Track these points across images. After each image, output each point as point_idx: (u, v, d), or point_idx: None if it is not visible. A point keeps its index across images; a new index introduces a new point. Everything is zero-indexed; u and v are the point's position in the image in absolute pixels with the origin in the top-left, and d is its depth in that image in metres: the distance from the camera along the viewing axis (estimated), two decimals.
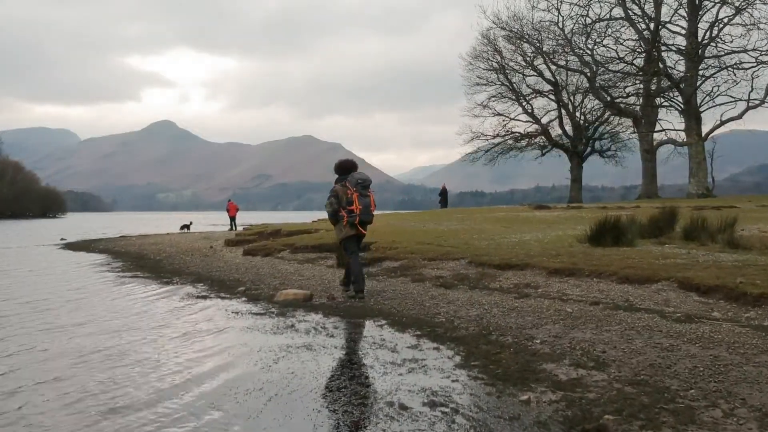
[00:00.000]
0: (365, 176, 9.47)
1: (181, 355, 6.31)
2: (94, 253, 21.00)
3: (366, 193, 9.37)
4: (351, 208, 9.25)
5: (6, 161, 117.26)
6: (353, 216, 9.24)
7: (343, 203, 9.30)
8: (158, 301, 9.86)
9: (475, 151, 50.62)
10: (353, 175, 9.50)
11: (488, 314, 7.72)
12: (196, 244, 22.32)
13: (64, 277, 13.72)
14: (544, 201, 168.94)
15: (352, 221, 9.26)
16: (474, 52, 48.16)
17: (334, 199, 9.40)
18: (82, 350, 6.53)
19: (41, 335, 7.38)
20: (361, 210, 9.26)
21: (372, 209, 9.45)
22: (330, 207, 9.41)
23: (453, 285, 9.80)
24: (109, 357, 6.27)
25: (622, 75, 40.64)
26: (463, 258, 11.66)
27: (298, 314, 8.42)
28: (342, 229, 9.43)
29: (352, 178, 9.42)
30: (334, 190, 9.52)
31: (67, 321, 8.28)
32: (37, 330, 7.69)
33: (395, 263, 12.19)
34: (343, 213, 9.30)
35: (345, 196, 9.30)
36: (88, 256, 20.01)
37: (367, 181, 9.45)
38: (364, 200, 9.30)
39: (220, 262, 15.68)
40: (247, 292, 10.48)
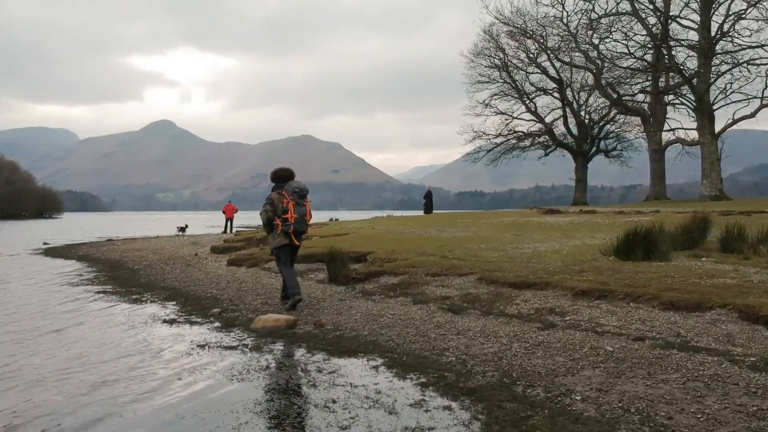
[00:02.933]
0: (302, 185, 9.37)
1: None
2: (71, 260, 19.54)
3: (302, 202, 9.25)
4: (286, 217, 9.12)
5: (1, 161, 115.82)
6: (288, 225, 9.11)
7: (279, 212, 9.17)
8: (111, 329, 8.32)
9: (477, 150, 49.27)
10: (290, 183, 9.35)
11: (508, 352, 6.25)
12: (181, 250, 20.86)
13: (15, 293, 12.23)
14: (544, 201, 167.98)
15: (286, 230, 9.13)
16: (476, 48, 46.83)
17: (269, 206, 9.26)
18: None
19: None
20: (296, 219, 9.13)
21: (308, 219, 9.37)
22: (265, 215, 9.29)
23: (462, 309, 8.33)
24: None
25: (631, 71, 39.16)
26: (471, 273, 10.19)
27: (277, 348, 6.95)
28: (276, 237, 9.31)
29: (289, 187, 9.28)
30: (270, 197, 9.36)
31: None
32: None
33: (394, 279, 10.72)
34: (277, 222, 9.19)
35: (281, 204, 9.18)
36: (62, 263, 18.54)
37: (304, 191, 9.31)
38: (300, 209, 9.18)
39: (200, 273, 14.20)
40: (223, 315, 9.00)
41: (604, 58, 40.79)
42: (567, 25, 42.06)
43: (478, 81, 46.99)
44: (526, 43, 45.33)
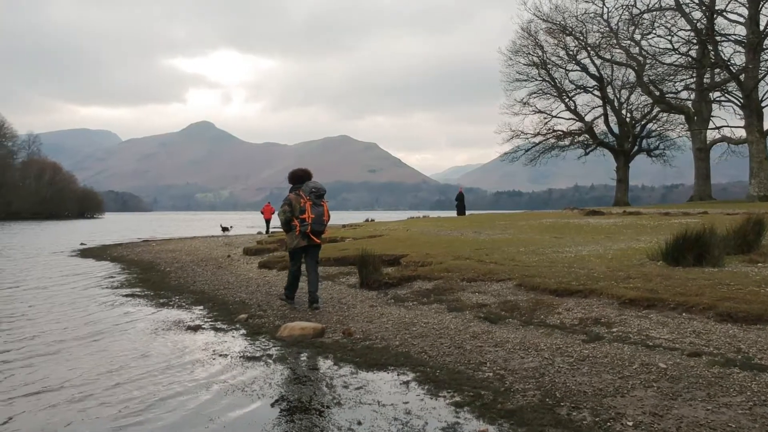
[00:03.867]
0: (319, 185, 9.36)
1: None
2: (105, 262, 19.49)
3: (319, 202, 9.24)
4: (303, 217, 9.14)
5: (44, 162, 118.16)
6: (305, 225, 9.12)
7: (297, 212, 9.19)
8: (131, 337, 8.00)
9: (514, 150, 48.42)
10: (307, 183, 9.35)
11: (550, 367, 5.76)
12: (214, 252, 20.69)
13: (43, 296, 12.08)
14: (583, 201, 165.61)
15: (303, 230, 9.15)
16: (514, 46, 45.96)
17: (287, 207, 9.28)
18: None
19: None
20: (314, 219, 9.14)
21: (325, 219, 9.34)
22: (283, 215, 9.32)
23: (500, 318, 7.84)
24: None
25: (674, 68, 37.96)
26: (510, 279, 9.69)
27: (302, 360, 6.56)
28: (294, 238, 9.35)
29: (306, 187, 9.29)
30: (288, 198, 9.38)
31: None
32: None
33: (428, 284, 10.25)
34: (295, 222, 9.21)
35: (298, 204, 9.20)
36: (96, 265, 18.49)
37: (321, 191, 9.29)
38: (317, 209, 9.19)
39: (231, 275, 13.93)
40: (249, 321, 8.65)
41: (647, 54, 39.63)
42: (607, 21, 40.99)
43: (516, 79, 46.14)
44: (565, 40, 44.34)
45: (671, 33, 37.47)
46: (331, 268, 13.11)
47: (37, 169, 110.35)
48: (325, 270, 13.03)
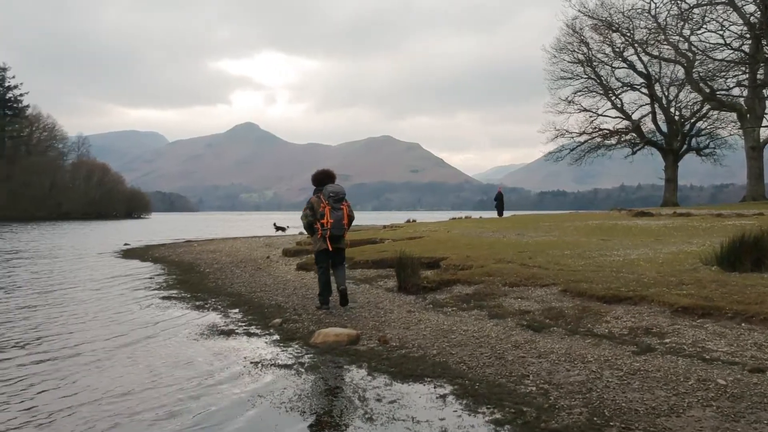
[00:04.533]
0: (339, 188, 9.21)
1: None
2: (146, 262, 19.59)
3: (338, 206, 9.11)
4: (323, 221, 9.04)
5: (93, 163, 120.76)
6: (324, 230, 9.03)
7: (318, 216, 9.09)
8: (162, 342, 7.84)
9: (559, 149, 47.54)
10: (327, 187, 9.20)
11: (598, 381, 5.37)
12: (254, 252, 20.64)
13: (83, 296, 12.09)
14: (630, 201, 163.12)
15: (323, 235, 9.07)
16: (558, 44, 45.08)
17: (309, 211, 9.23)
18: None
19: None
20: (333, 224, 9.03)
21: (344, 223, 9.16)
22: (305, 219, 9.30)
23: (544, 326, 7.44)
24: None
25: (726, 64, 36.69)
26: (554, 284, 9.27)
27: (335, 369, 6.28)
28: (316, 242, 9.29)
29: (325, 191, 9.15)
30: (310, 201, 9.32)
31: None
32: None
33: (469, 288, 9.90)
34: (317, 226, 9.12)
35: (319, 208, 9.10)
36: (137, 265, 18.58)
37: (340, 195, 9.14)
38: (336, 213, 9.06)
39: (269, 277, 13.77)
40: (283, 326, 8.42)
41: (696, 50, 38.44)
42: (655, 16, 39.88)
43: (561, 77, 45.25)
44: (611, 37, 43.28)
45: (723, 28, 36.26)
46: (369, 271, 12.84)
47: (86, 171, 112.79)
48: (363, 273, 12.78)
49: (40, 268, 17.40)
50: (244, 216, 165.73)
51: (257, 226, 64.58)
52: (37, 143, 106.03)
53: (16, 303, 10.89)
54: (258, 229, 52.10)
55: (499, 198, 36.96)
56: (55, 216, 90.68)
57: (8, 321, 9.21)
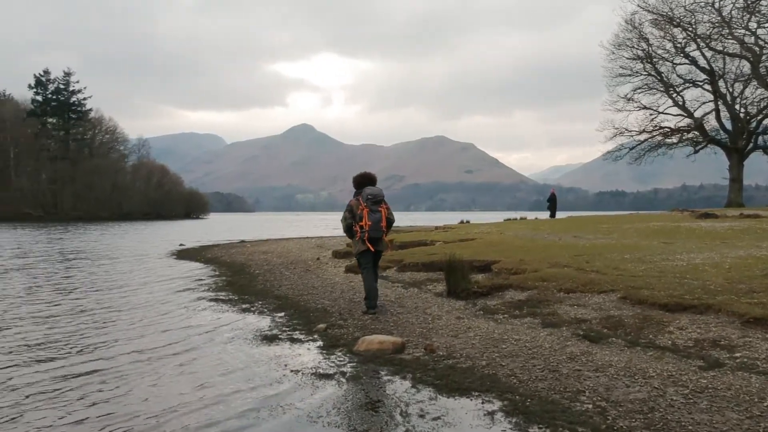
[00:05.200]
0: (378, 191, 9.21)
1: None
2: (198, 263, 19.67)
3: (376, 208, 9.10)
4: (361, 223, 9.06)
5: (153, 165, 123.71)
6: (363, 232, 9.05)
7: (357, 218, 9.11)
8: (203, 347, 7.66)
9: (618, 148, 46.21)
10: (365, 189, 9.22)
11: (661, 400, 4.92)
12: (305, 254, 20.54)
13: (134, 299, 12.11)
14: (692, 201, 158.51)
15: (362, 237, 9.09)
16: (616, 39, 43.79)
17: (348, 213, 9.27)
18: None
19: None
20: (371, 226, 9.03)
21: (383, 225, 9.13)
22: (344, 221, 9.34)
23: (602, 336, 6.97)
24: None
25: None
26: (613, 290, 8.76)
27: (377, 379, 5.98)
28: (356, 244, 9.32)
29: (363, 193, 9.16)
30: (349, 204, 9.35)
31: None
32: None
33: (521, 294, 9.46)
34: (356, 228, 9.14)
35: (358, 210, 9.13)
36: (189, 266, 18.66)
37: (378, 197, 9.14)
38: (374, 216, 9.06)
39: (317, 279, 13.57)
40: (328, 332, 8.16)
41: (764, 44, 36.78)
42: (719, 10, 38.35)
43: (620, 74, 43.95)
44: (672, 32, 41.80)
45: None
46: (419, 274, 12.50)
47: (146, 172, 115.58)
48: (413, 276, 12.45)
49: (98, 269, 17.64)
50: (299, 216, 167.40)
51: (313, 225, 65.04)
52: (99, 146, 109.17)
53: (71, 305, 10.91)
54: (313, 229, 52.43)
55: (552, 199, 36.17)
56: (117, 216, 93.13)
57: (60, 324, 9.19)
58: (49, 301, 11.34)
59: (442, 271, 11.40)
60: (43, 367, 6.58)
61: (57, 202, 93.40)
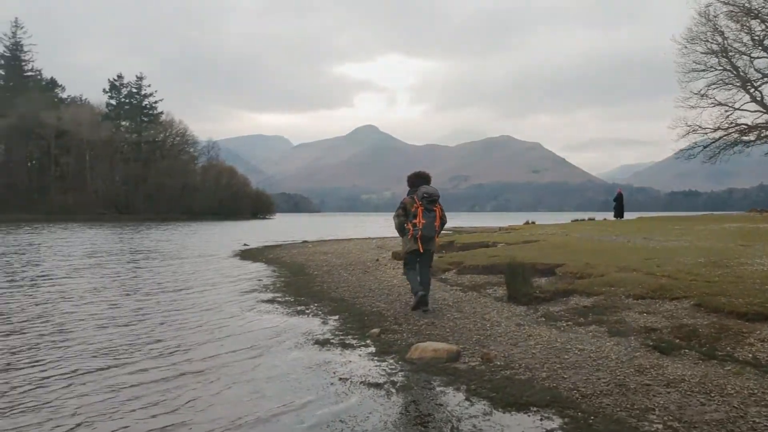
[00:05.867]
0: (432, 190, 9.15)
1: None
2: (259, 263, 19.73)
3: (431, 207, 9.07)
4: (415, 222, 9.02)
5: (222, 166, 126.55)
6: (416, 230, 9.01)
7: (410, 216, 9.10)
8: (253, 351, 7.48)
9: (691, 146, 44.40)
10: (420, 188, 9.20)
11: (742, 422, 4.45)
12: (365, 255, 20.36)
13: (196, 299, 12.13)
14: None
15: (414, 235, 9.05)
16: (689, 33, 42.02)
17: (401, 211, 9.28)
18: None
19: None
20: (425, 225, 8.99)
21: (436, 224, 9.10)
22: (397, 219, 9.34)
23: (673, 347, 6.46)
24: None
25: None
26: (686, 297, 8.19)
27: (429, 390, 5.66)
28: (407, 242, 9.29)
29: (419, 192, 9.14)
30: (403, 201, 9.34)
31: None
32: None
33: (586, 300, 8.96)
34: (409, 226, 9.11)
35: (412, 209, 9.12)
36: (251, 266, 18.73)
37: (433, 196, 9.10)
38: (429, 215, 9.02)
39: (374, 281, 13.32)
40: (381, 337, 7.88)
41: None
42: None
43: (693, 69, 42.17)
44: (749, 24, 39.80)
45: None
46: (479, 277, 12.09)
47: (215, 173, 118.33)
48: (472, 279, 12.06)
49: (165, 269, 17.85)
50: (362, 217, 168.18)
51: (377, 226, 65.09)
52: (170, 148, 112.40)
53: (134, 306, 10.94)
54: (376, 229, 52.41)
55: (619, 199, 35.06)
56: (186, 216, 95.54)
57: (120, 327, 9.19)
58: (112, 302, 11.42)
59: (503, 274, 10.99)
60: (102, 375, 6.45)
61: (130, 203, 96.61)
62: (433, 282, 11.73)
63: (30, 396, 5.63)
